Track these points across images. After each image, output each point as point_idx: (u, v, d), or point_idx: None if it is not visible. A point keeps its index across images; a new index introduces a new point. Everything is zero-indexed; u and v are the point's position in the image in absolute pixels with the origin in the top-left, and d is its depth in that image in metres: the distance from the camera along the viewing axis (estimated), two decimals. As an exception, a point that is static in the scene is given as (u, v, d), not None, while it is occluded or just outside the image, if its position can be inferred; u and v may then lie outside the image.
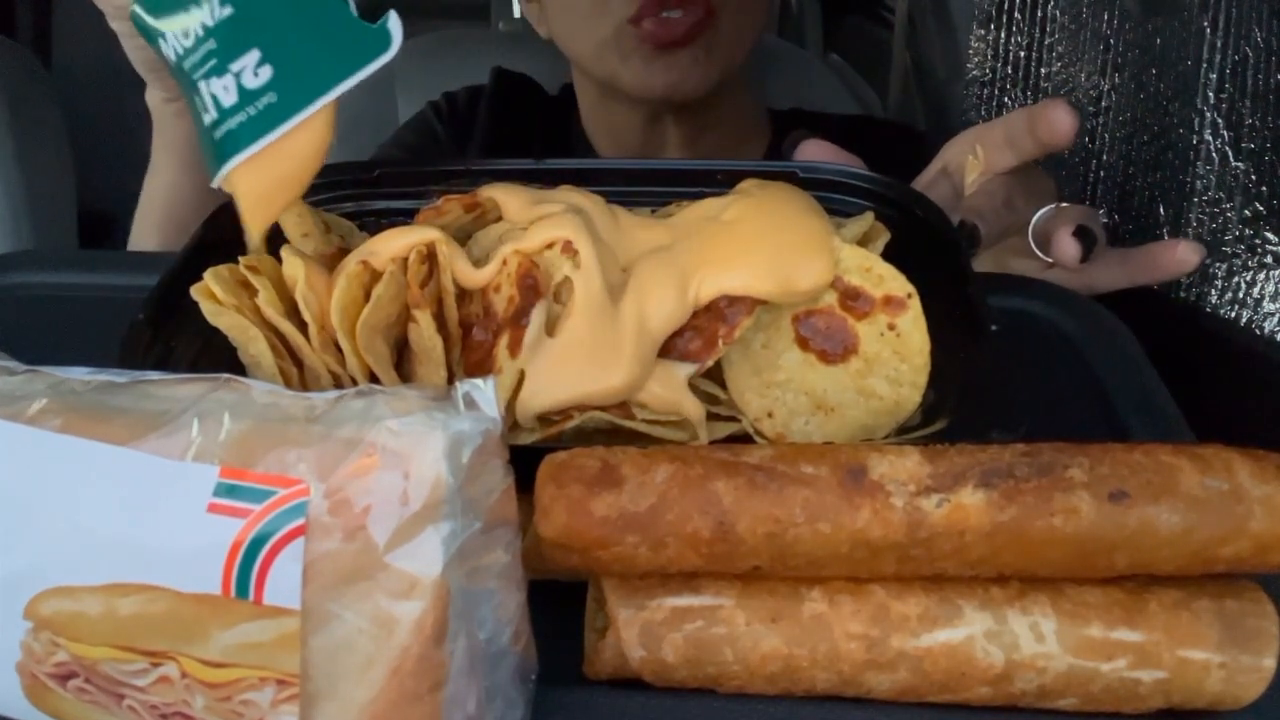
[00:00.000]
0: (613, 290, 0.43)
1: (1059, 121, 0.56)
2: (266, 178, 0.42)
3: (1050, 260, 0.58)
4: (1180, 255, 0.58)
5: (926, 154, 0.69)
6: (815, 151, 0.60)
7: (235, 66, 0.41)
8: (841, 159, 0.59)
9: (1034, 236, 0.60)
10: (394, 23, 0.42)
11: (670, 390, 0.42)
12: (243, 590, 0.29)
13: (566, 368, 0.42)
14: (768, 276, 0.42)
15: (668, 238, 0.44)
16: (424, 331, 0.43)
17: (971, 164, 0.61)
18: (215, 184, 0.43)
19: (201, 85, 0.42)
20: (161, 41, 0.43)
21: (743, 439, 0.44)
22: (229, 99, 0.41)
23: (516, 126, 1.05)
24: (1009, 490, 0.33)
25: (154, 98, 0.68)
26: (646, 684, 0.37)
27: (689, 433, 0.44)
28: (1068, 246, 0.55)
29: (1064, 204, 0.60)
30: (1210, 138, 0.65)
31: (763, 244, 0.43)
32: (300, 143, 0.42)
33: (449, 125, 1.07)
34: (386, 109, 1.25)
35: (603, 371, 0.41)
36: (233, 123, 0.42)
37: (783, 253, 0.43)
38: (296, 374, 0.44)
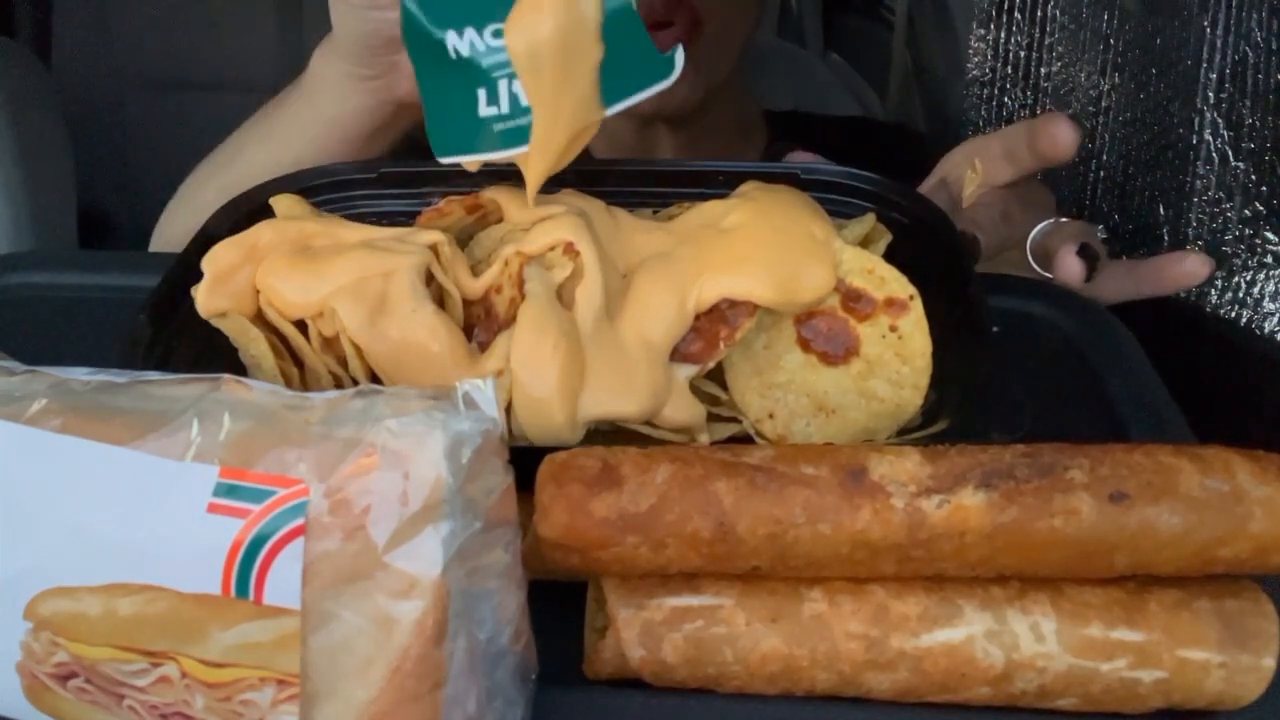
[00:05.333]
0: (613, 297, 0.43)
1: (1060, 136, 0.55)
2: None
3: (1048, 275, 0.58)
4: (1189, 267, 0.58)
5: (925, 155, 0.69)
6: (801, 161, 0.60)
7: None
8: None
9: (1032, 251, 0.59)
10: (679, 54, 0.45)
11: (682, 414, 0.42)
12: (243, 590, 0.29)
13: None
14: (769, 284, 0.42)
15: (668, 243, 0.44)
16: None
17: (970, 176, 0.60)
18: (473, 163, 0.47)
19: (501, 84, 0.45)
20: (454, 34, 0.45)
21: (744, 440, 0.44)
22: (524, 100, 0.44)
23: None
24: (1009, 491, 0.33)
25: (342, 70, 0.64)
26: (646, 684, 0.37)
27: (689, 434, 0.44)
28: (1071, 266, 0.55)
29: (1063, 219, 0.60)
30: (1210, 138, 0.65)
31: (764, 251, 0.43)
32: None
33: None
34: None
35: (615, 397, 0.41)
36: (522, 120, 0.45)
37: (784, 260, 0.43)
38: (297, 374, 0.44)
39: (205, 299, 0.44)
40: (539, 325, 0.41)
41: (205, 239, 0.49)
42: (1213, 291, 0.65)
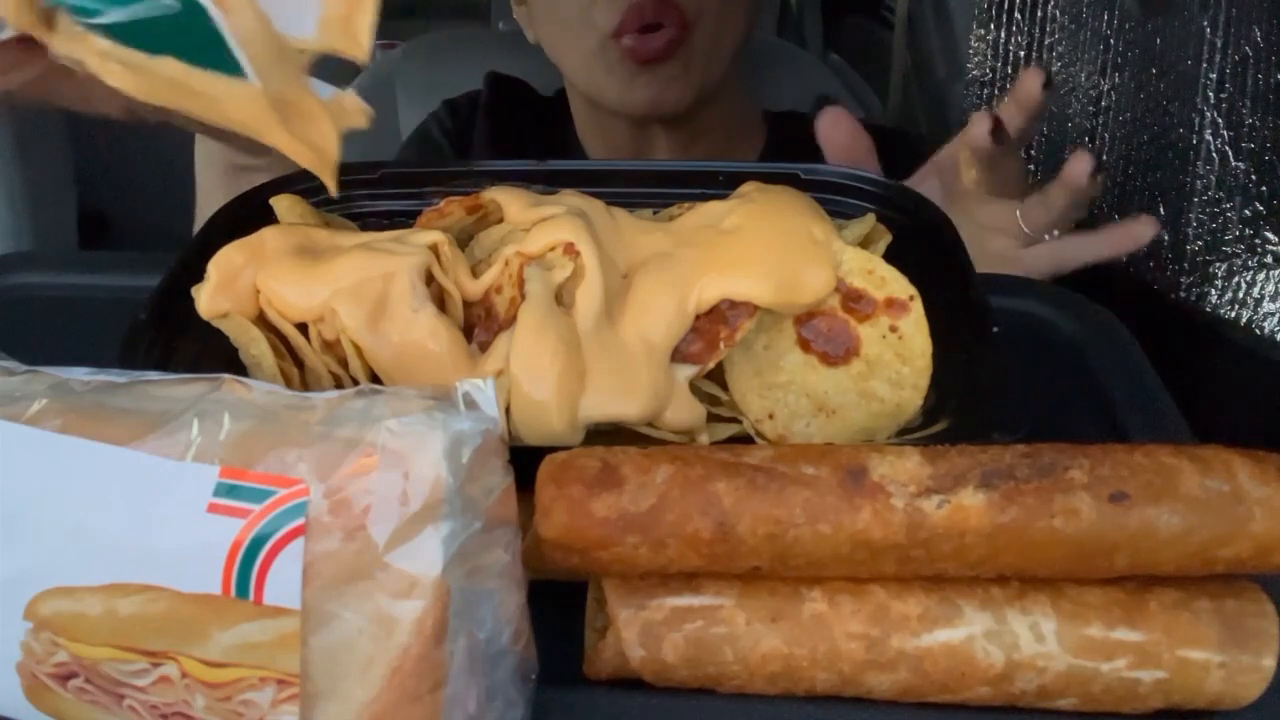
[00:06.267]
0: (613, 298, 0.42)
1: (1029, 81, 0.64)
2: None
3: (1029, 231, 0.65)
4: (1136, 230, 0.64)
5: (924, 157, 0.69)
6: (831, 121, 0.66)
7: None
8: (857, 131, 0.66)
9: (1024, 218, 0.66)
10: None
11: (682, 415, 0.42)
12: (243, 590, 0.29)
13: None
14: (770, 285, 0.42)
15: (668, 244, 0.44)
16: (424, 332, 0.42)
17: (965, 156, 0.66)
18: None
19: None
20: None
21: (744, 440, 0.44)
22: None
23: (514, 132, 1.05)
24: (1009, 491, 0.33)
25: (226, 164, 0.67)
26: (646, 684, 0.37)
27: (689, 434, 0.44)
28: (1081, 167, 0.61)
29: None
30: (1210, 138, 0.65)
31: (764, 253, 0.43)
32: None
33: (453, 134, 1.06)
34: (387, 109, 1.25)
35: (617, 399, 0.41)
36: None
37: (785, 262, 0.43)
38: (298, 374, 0.44)
39: (208, 300, 0.44)
40: (538, 329, 0.41)
41: (205, 240, 0.49)
42: (1213, 291, 0.65)
